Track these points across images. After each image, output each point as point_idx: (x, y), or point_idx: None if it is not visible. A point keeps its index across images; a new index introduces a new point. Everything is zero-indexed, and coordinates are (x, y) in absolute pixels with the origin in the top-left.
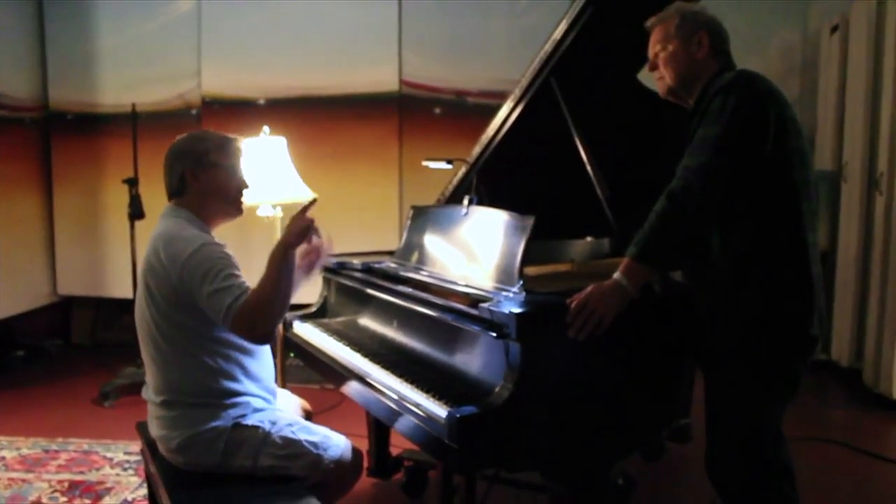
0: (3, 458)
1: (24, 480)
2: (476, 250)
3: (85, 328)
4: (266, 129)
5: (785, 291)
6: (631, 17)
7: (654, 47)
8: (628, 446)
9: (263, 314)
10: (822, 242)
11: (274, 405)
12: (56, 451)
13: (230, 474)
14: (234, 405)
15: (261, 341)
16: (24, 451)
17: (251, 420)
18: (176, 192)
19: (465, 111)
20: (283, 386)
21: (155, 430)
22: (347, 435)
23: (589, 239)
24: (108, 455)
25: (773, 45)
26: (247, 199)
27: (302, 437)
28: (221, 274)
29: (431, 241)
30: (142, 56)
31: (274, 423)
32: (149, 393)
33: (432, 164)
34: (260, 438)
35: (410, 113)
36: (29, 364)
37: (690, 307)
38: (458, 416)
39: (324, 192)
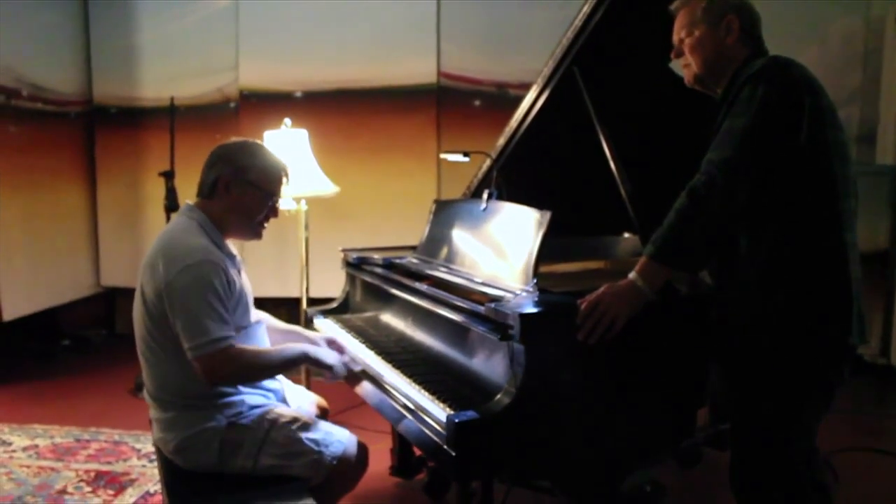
0: (37, 446)
1: (52, 469)
2: (493, 246)
3: (128, 318)
4: (287, 121)
5: (821, 296)
6: (656, 1)
7: (678, 32)
8: (643, 457)
9: (236, 376)
10: (881, 241)
11: (274, 401)
12: (87, 441)
13: (231, 475)
14: (228, 405)
15: (211, 385)
16: (58, 440)
17: (248, 419)
18: (205, 194)
19: (505, 104)
20: (308, 380)
21: (155, 433)
22: (373, 433)
23: (627, 235)
24: (137, 446)
25: (833, 33)
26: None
27: (302, 435)
28: (204, 308)
29: (451, 237)
30: (181, 50)
31: (274, 422)
32: (146, 394)
33: (450, 157)
34: (259, 438)
35: (449, 105)
36: (74, 353)
37: (718, 310)
38: (456, 420)
39: (361, 184)
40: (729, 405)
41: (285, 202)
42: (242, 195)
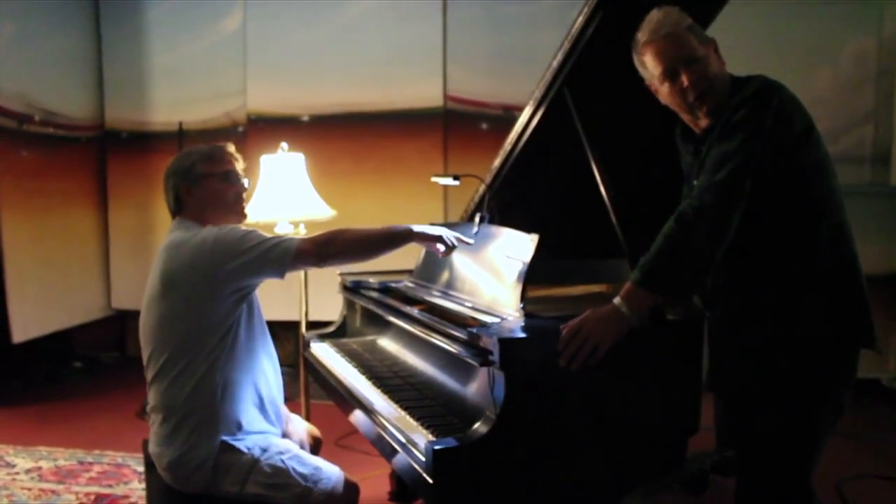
0: (40, 468)
1: (53, 492)
2: (484, 270)
3: (139, 341)
4: (284, 145)
5: (846, 311)
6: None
7: (693, 52)
8: (629, 487)
9: (340, 246)
10: (895, 263)
11: (274, 429)
12: (90, 464)
13: (217, 499)
14: (227, 427)
15: (318, 262)
16: (61, 462)
17: (242, 444)
18: (176, 211)
19: (512, 126)
20: (308, 404)
21: (152, 446)
22: (374, 457)
23: None
24: (140, 469)
25: (846, 53)
26: (250, 206)
27: (291, 466)
28: (263, 235)
29: (446, 261)
30: (191, 76)
31: (265, 450)
32: (150, 408)
33: (441, 181)
34: (248, 465)
35: (456, 128)
36: (85, 375)
37: (719, 334)
38: (434, 448)
39: (368, 207)
40: (731, 431)
41: (282, 226)
42: (205, 189)
